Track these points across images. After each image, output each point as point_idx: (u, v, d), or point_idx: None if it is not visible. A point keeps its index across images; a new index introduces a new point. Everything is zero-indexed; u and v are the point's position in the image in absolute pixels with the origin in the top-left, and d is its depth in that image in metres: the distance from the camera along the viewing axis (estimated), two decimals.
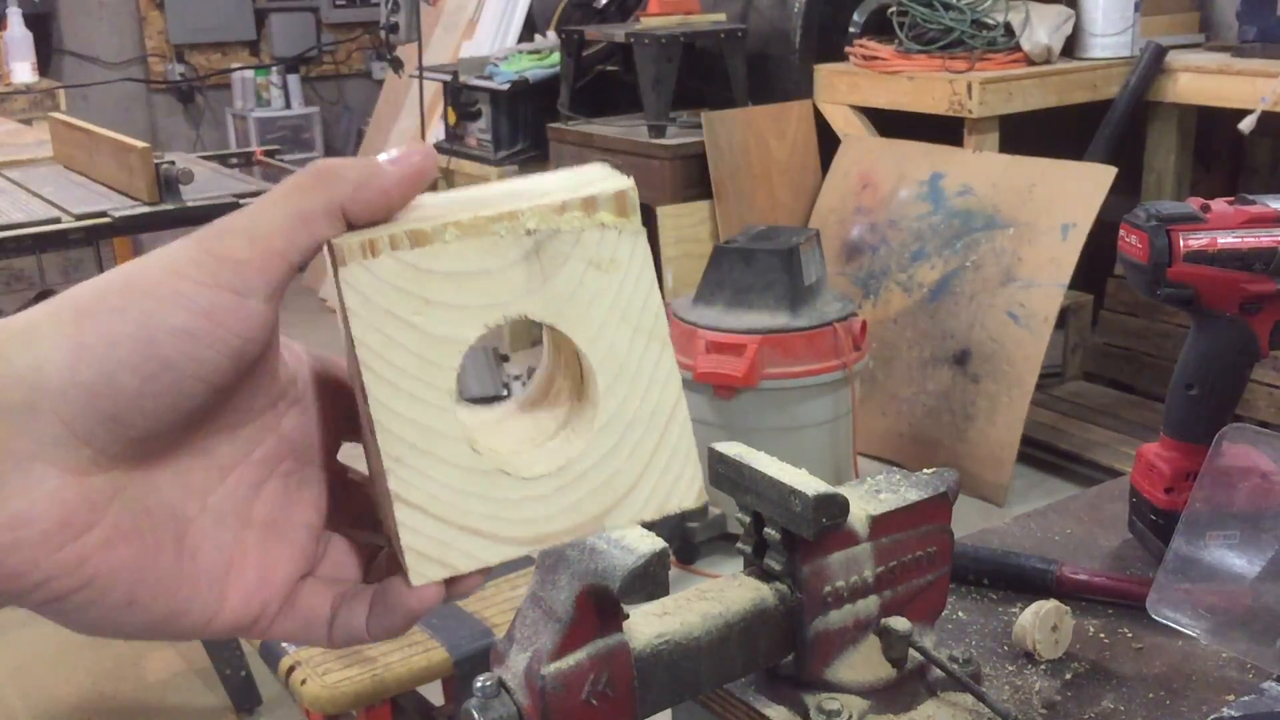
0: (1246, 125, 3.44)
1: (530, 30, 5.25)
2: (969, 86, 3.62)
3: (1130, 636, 0.98)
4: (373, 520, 0.50)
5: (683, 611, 0.80)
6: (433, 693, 2.03)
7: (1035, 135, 3.80)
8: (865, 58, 3.95)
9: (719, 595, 0.82)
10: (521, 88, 4.55)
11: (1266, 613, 0.91)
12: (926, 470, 0.90)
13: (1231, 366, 1.03)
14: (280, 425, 0.47)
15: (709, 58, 4.15)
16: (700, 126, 3.89)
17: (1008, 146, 3.72)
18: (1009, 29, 3.79)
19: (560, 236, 0.45)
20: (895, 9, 3.91)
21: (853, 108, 4.03)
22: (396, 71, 4.75)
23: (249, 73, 6.34)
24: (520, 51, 4.84)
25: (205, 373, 0.42)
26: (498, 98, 4.60)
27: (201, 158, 3.26)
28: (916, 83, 3.78)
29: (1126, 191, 3.70)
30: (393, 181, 0.44)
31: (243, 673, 2.55)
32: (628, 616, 0.76)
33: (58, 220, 2.47)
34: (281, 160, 3.32)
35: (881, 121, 4.01)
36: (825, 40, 4.13)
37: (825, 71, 4.08)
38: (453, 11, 5.52)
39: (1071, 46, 3.91)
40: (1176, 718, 0.88)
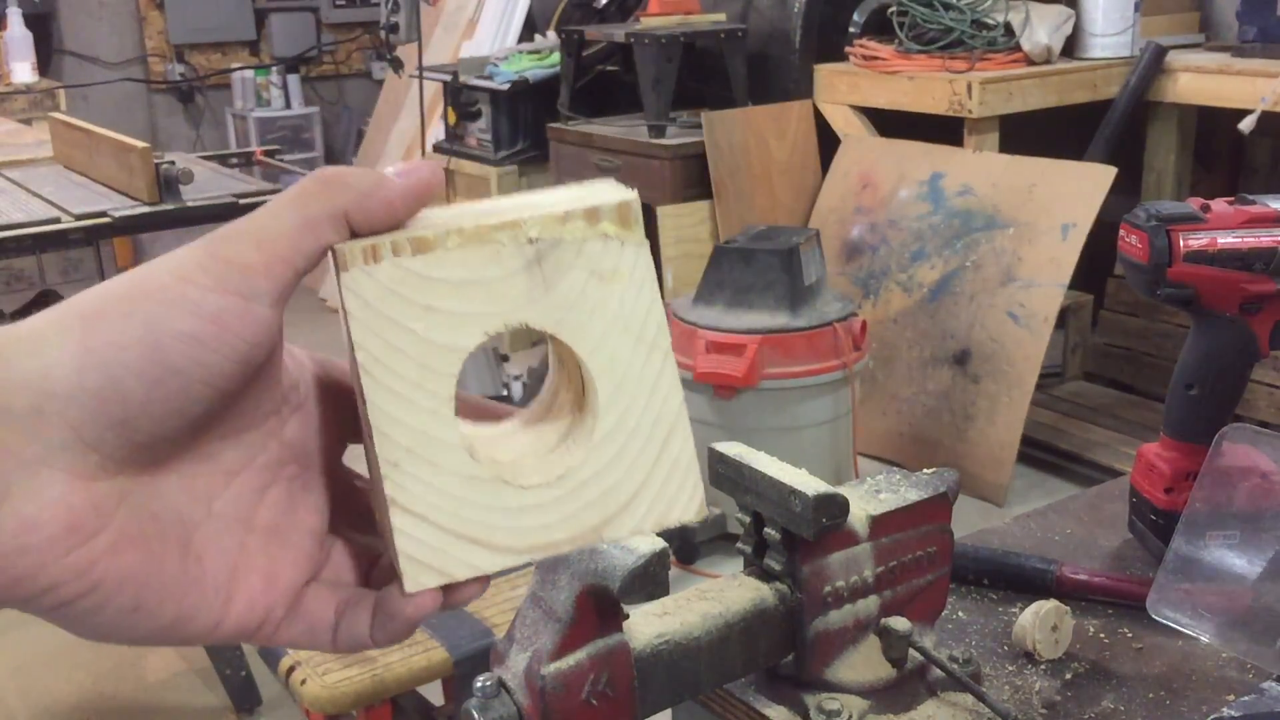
0: (1246, 125, 3.44)
1: (530, 30, 5.25)
2: (969, 86, 3.62)
3: (1130, 636, 0.98)
4: (376, 525, 0.50)
5: (683, 611, 0.80)
6: (433, 693, 2.03)
7: (1035, 135, 3.79)
8: (865, 58, 3.95)
9: (719, 595, 0.82)
10: (521, 88, 4.55)
11: (1266, 613, 0.91)
12: (926, 470, 0.90)
13: (1231, 366, 1.03)
14: (284, 431, 0.47)
15: (709, 58, 4.14)
16: (700, 126, 3.89)
17: (1008, 146, 3.72)
18: (1009, 29, 3.79)
19: (563, 246, 0.45)
20: (895, 9, 3.91)
21: (853, 108, 4.03)
22: (396, 71, 4.76)
23: (249, 73, 6.34)
24: (520, 51, 4.84)
25: (211, 377, 0.42)
26: (498, 98, 4.60)
27: (201, 158, 3.26)
28: (916, 83, 3.78)
29: (1126, 191, 3.70)
30: (398, 193, 0.44)
31: (243, 673, 2.55)
32: (628, 616, 0.76)
33: (58, 220, 2.47)
34: (281, 160, 3.32)
35: (881, 121, 4.01)
36: (825, 40, 4.13)
37: (825, 71, 4.08)
38: (453, 11, 5.52)
39: (1071, 46, 3.90)
40: (1176, 718, 0.88)
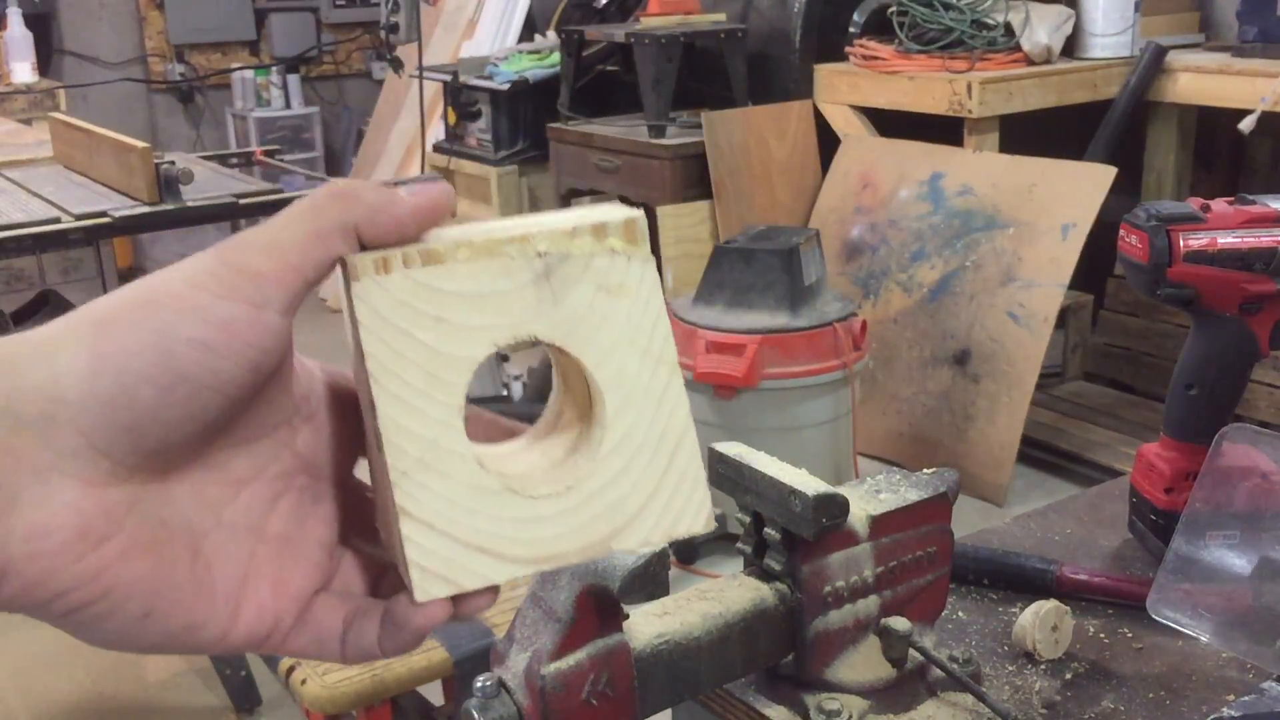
0: (1246, 125, 3.44)
1: (530, 30, 5.25)
2: (969, 86, 3.62)
3: (1130, 636, 0.98)
4: (381, 537, 0.50)
5: (683, 611, 0.80)
6: (433, 693, 2.03)
7: (1035, 135, 3.79)
8: (865, 58, 3.95)
9: (719, 595, 0.82)
10: (521, 88, 4.55)
11: (1266, 613, 0.91)
12: (926, 470, 0.90)
13: (1231, 366, 1.03)
14: (295, 441, 0.47)
15: (709, 58, 4.14)
16: (700, 126, 3.89)
17: (1008, 146, 3.72)
18: (1009, 29, 3.79)
19: (571, 260, 0.45)
20: (895, 9, 3.91)
21: (853, 108, 4.03)
22: (396, 71, 4.75)
23: (249, 73, 6.34)
24: (520, 51, 4.84)
25: (221, 384, 0.42)
26: (498, 98, 4.60)
27: (201, 158, 3.26)
28: (916, 83, 3.78)
29: (1126, 191, 3.69)
30: (408, 210, 0.44)
31: (243, 673, 2.55)
32: (628, 616, 0.76)
33: (58, 220, 2.47)
34: (281, 160, 3.32)
35: (881, 121, 4.01)
36: (825, 40, 4.13)
37: (825, 71, 4.08)
38: (453, 11, 5.52)
39: (1071, 46, 3.90)
40: (1176, 718, 0.88)
